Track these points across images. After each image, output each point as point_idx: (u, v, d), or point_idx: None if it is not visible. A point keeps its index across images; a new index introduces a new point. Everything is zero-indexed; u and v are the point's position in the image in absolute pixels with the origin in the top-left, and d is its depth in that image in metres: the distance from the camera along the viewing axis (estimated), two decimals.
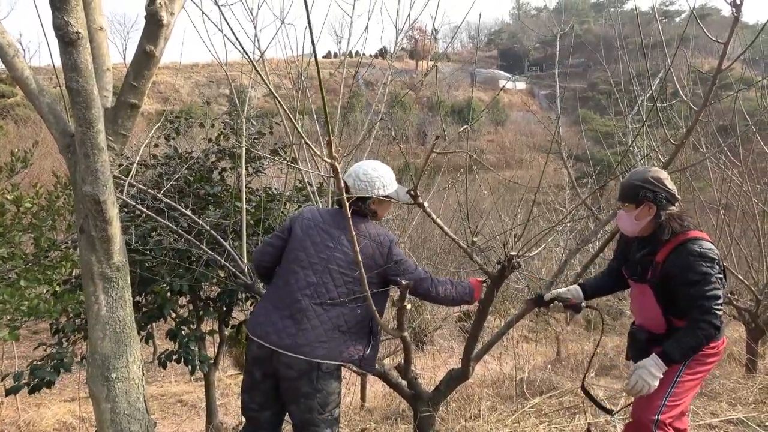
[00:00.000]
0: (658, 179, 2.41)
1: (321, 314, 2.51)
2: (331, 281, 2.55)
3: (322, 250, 2.59)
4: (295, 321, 2.51)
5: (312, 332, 2.49)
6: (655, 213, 2.43)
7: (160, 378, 11.14)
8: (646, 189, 2.40)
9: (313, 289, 2.54)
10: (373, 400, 7.19)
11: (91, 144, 2.15)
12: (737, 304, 5.42)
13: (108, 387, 2.36)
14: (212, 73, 51.41)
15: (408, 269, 2.63)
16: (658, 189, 2.40)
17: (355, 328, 2.56)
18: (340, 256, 2.57)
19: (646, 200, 2.42)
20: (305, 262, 2.59)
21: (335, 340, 2.51)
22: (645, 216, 2.45)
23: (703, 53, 25.87)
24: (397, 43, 4.09)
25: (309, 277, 2.56)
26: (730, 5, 1.88)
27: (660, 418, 2.45)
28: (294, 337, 2.48)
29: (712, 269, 2.31)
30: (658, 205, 2.41)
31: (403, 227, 7.99)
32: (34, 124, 21.56)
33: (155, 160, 5.25)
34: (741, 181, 5.44)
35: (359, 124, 5.61)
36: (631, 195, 2.45)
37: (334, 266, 2.56)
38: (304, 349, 2.47)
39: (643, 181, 2.41)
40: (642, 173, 2.46)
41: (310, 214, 2.72)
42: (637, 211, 2.46)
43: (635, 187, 2.43)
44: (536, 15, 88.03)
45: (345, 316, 2.54)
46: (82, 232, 2.33)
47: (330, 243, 2.59)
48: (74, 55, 2.03)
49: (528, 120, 53.55)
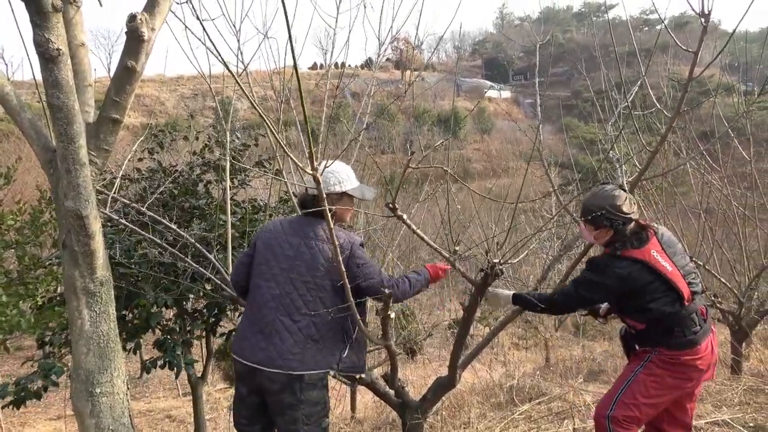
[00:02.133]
0: (615, 206, 2.55)
1: (290, 326, 2.48)
2: (295, 291, 2.51)
3: (282, 261, 2.55)
4: (264, 335, 2.50)
5: (282, 345, 2.46)
6: (612, 234, 2.61)
7: (148, 393, 11.03)
8: (603, 217, 2.56)
9: (278, 301, 2.52)
10: (363, 411, 7.17)
11: (73, 159, 2.15)
12: (721, 307, 5.48)
13: (92, 402, 2.34)
14: (198, 85, 51.29)
15: (370, 274, 2.56)
16: (615, 216, 2.55)
17: (328, 335, 2.52)
18: (300, 264, 2.52)
19: (603, 227, 2.60)
20: (267, 275, 2.57)
21: (308, 350, 2.47)
22: (603, 236, 2.66)
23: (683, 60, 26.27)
24: (380, 54, 4.12)
25: (272, 289, 2.54)
26: (699, 16, 1.94)
27: (612, 414, 2.59)
28: (265, 351, 2.47)
29: (594, 277, 2.57)
30: (615, 230, 2.59)
31: (392, 236, 8.02)
32: (18, 139, 21.35)
33: (139, 174, 5.23)
34: (721, 185, 5.53)
35: (345, 134, 5.63)
36: (590, 219, 2.61)
37: (295, 275, 2.52)
38: (276, 362, 2.45)
39: (600, 209, 2.56)
40: (601, 200, 2.59)
41: (272, 226, 2.70)
42: (596, 231, 2.65)
43: (594, 214, 2.58)
44: (519, 24, 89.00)
45: (315, 324, 2.49)
46: (64, 247, 2.33)
47: (289, 252, 2.55)
48: (55, 71, 2.03)
49: (514, 128, 53.95)
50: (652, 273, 2.50)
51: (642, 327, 2.64)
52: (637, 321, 2.65)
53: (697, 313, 2.58)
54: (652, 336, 2.61)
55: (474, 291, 2.67)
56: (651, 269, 2.50)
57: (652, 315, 2.54)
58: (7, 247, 4.01)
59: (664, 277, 2.50)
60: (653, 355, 2.60)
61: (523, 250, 2.66)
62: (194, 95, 50.86)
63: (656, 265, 2.50)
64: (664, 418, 2.76)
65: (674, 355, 2.56)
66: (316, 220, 2.57)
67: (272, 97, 4.60)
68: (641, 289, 2.51)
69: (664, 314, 2.52)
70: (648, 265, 2.50)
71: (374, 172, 8.97)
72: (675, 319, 2.53)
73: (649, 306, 2.52)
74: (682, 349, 2.54)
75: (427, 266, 2.83)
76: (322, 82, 4.20)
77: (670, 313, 2.52)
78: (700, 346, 2.55)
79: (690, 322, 2.54)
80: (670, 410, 2.74)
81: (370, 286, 2.54)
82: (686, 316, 2.53)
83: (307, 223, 2.60)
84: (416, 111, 48.25)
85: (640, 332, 2.67)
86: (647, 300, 2.52)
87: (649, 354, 2.62)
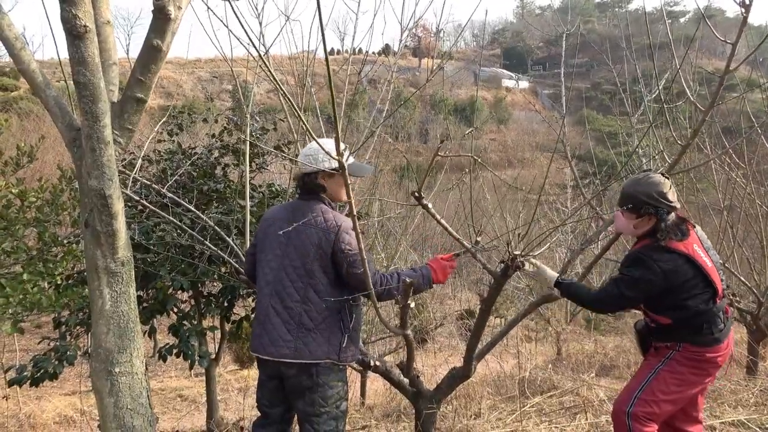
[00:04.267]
0: (662, 194, 2.44)
1: (281, 312, 2.44)
2: (287, 277, 2.45)
3: (275, 247, 2.50)
4: (259, 322, 2.52)
5: (274, 331, 2.44)
6: (654, 222, 2.49)
7: (160, 373, 11.17)
8: (650, 205, 2.44)
9: (271, 288, 2.49)
10: (373, 398, 7.20)
11: (98, 138, 2.15)
12: (739, 306, 5.41)
13: (111, 381, 2.37)
14: (215, 68, 51.34)
15: (353, 263, 2.38)
16: (661, 204, 2.44)
17: (323, 324, 2.44)
18: (292, 250, 2.45)
19: (647, 214, 2.47)
20: (263, 262, 2.55)
21: (301, 339, 2.42)
22: (644, 225, 2.52)
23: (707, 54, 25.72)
24: (401, 41, 4.08)
25: (267, 276, 2.52)
26: (739, 5, 1.87)
27: (632, 410, 2.53)
28: (259, 338, 2.49)
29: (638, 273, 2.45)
30: (659, 218, 2.46)
31: (405, 226, 8.00)
32: (38, 118, 21.59)
33: (158, 155, 5.25)
34: (745, 183, 5.43)
35: (362, 122, 5.60)
36: (633, 206, 2.49)
37: (287, 261, 2.46)
38: (269, 349, 2.44)
39: (647, 197, 2.45)
40: (646, 186, 2.48)
41: (270, 212, 2.67)
42: (637, 220, 2.52)
43: (639, 201, 2.46)
44: (540, 14, 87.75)
45: (308, 312, 2.42)
46: (87, 227, 2.33)
47: (282, 239, 2.47)
48: (82, 48, 2.02)
49: (530, 119, 53.43)
50: (694, 268, 2.43)
51: (668, 323, 2.57)
52: (666, 317, 2.56)
53: (722, 310, 2.53)
54: (678, 332, 2.53)
55: (494, 282, 2.64)
56: (694, 264, 2.42)
57: (686, 312, 2.46)
58: (28, 225, 4.04)
59: (704, 273, 2.43)
60: (676, 352, 2.53)
61: (544, 243, 2.62)
62: (212, 78, 50.93)
63: (699, 260, 2.43)
64: (678, 414, 2.72)
65: (699, 352, 2.50)
66: (311, 203, 2.50)
67: (291, 83, 4.57)
68: (681, 285, 2.43)
69: (698, 312, 2.45)
70: (691, 259, 2.42)
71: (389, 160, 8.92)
72: (706, 317, 2.47)
73: (685, 303, 2.45)
74: (708, 346, 2.48)
75: (430, 263, 2.62)
76: (341, 69, 4.15)
77: (704, 310, 2.45)
78: (722, 343, 2.51)
79: (718, 320, 2.49)
80: (684, 406, 2.70)
81: (353, 273, 2.38)
82: (716, 313, 2.48)
83: (301, 206, 2.53)
84: (433, 100, 47.96)
85: (664, 327, 2.58)
86: (684, 297, 2.45)
87: (672, 350, 2.55)
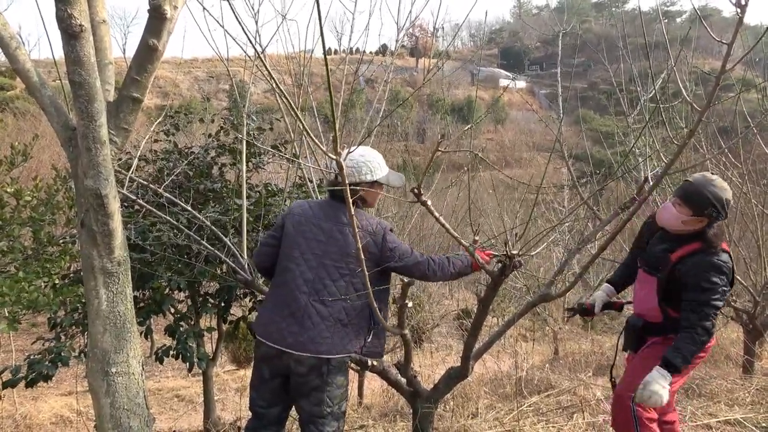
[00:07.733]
0: (728, 202, 2.44)
1: (321, 310, 2.50)
2: (327, 276, 2.53)
3: (314, 246, 2.56)
4: (295, 319, 2.51)
5: (314, 329, 2.48)
6: (704, 225, 2.48)
7: (157, 373, 11.14)
8: (715, 208, 2.42)
9: (310, 285, 2.53)
10: (370, 397, 7.20)
11: (94, 138, 2.14)
12: (735, 306, 5.42)
13: (108, 381, 2.35)
14: (212, 68, 51.30)
15: (404, 254, 2.60)
16: (722, 211, 2.44)
17: (356, 320, 2.56)
18: (334, 250, 2.54)
19: (705, 216, 2.45)
20: (299, 259, 2.57)
21: (338, 334, 2.50)
22: (694, 224, 2.49)
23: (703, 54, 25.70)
24: (398, 41, 4.07)
25: (305, 273, 2.55)
26: (734, 5, 1.87)
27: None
28: (296, 335, 2.49)
29: (721, 281, 2.42)
30: (710, 222, 2.47)
31: (402, 224, 8.00)
32: (33, 117, 21.49)
33: (155, 155, 5.23)
34: (741, 182, 5.44)
35: (359, 121, 5.59)
36: (696, 205, 2.45)
37: (328, 261, 2.54)
38: (308, 346, 2.47)
39: (717, 200, 2.42)
40: (719, 190, 2.43)
41: (300, 209, 2.69)
42: (691, 218, 2.48)
43: (706, 201, 2.43)
44: (537, 14, 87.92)
45: (346, 309, 2.53)
46: (83, 227, 2.32)
47: (321, 237, 2.56)
48: (77, 47, 2.01)
49: (528, 119, 53.54)
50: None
51: (658, 321, 2.61)
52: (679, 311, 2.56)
53: None
54: None
55: (491, 282, 2.64)
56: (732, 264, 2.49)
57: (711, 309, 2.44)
58: (23, 224, 4.03)
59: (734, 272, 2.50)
60: None
61: (541, 243, 2.62)
62: (208, 78, 50.86)
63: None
64: None
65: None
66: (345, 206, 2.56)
67: (288, 82, 4.57)
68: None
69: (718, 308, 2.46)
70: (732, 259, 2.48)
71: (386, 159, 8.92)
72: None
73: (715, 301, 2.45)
74: (711, 336, 2.50)
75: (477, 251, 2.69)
76: (338, 68, 4.14)
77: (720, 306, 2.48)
78: (714, 337, 2.55)
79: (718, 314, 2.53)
80: None
81: (405, 265, 2.60)
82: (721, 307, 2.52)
83: (338, 207, 2.60)
84: (430, 100, 47.99)
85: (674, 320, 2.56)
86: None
87: None
